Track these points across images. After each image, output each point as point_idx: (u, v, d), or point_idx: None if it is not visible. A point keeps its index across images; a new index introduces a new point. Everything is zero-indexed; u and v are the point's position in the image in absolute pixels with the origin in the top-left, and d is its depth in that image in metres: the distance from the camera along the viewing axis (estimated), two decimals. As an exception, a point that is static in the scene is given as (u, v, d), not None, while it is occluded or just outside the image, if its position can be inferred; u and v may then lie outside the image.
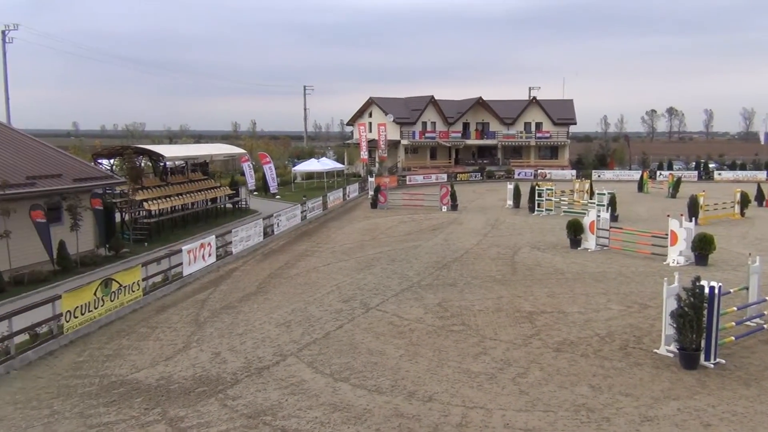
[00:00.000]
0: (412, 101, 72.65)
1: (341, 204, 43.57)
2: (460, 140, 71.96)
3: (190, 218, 34.66)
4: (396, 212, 39.59)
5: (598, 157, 76.56)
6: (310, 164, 58.74)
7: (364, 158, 62.48)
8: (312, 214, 36.66)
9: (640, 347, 14.10)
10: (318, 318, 16.72)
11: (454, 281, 20.63)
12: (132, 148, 32.47)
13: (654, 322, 15.73)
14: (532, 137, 71.74)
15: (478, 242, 28.07)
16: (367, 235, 30.61)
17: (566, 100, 76.33)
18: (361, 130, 61.88)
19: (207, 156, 40.25)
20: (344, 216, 38.61)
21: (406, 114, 69.93)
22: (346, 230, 32.60)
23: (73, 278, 21.89)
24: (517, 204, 40.64)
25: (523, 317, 16.49)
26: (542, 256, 24.83)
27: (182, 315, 17.55)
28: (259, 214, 36.73)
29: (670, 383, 12.12)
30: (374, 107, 70.93)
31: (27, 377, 13.27)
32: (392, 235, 30.71)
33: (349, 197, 46.49)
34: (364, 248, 27.06)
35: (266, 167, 48.73)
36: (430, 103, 70.67)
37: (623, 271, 21.88)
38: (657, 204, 42.46)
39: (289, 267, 23.63)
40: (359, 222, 35.78)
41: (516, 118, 72.25)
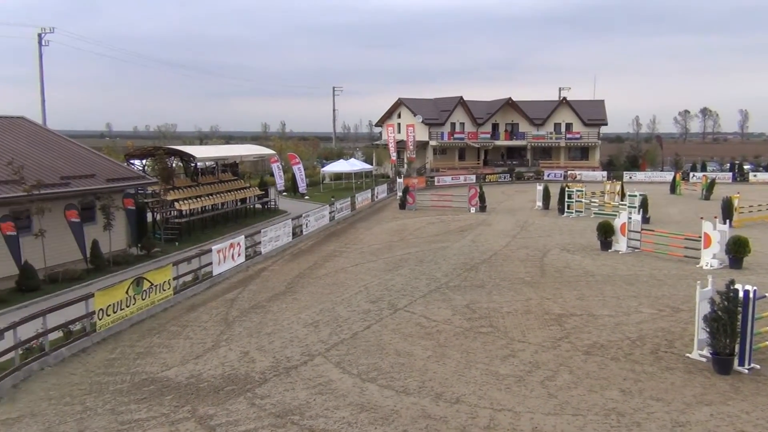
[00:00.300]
0: (440, 102, 72.50)
1: (369, 205, 43.63)
2: (489, 141, 71.60)
3: (220, 218, 35.00)
4: (424, 213, 39.52)
5: (630, 158, 75.56)
6: (338, 165, 58.96)
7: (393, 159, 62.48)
8: (340, 215, 36.77)
9: (671, 351, 13.88)
10: (346, 318, 16.75)
11: (483, 283, 20.52)
12: (164, 149, 32.91)
13: (686, 326, 15.47)
14: (562, 138, 71.09)
15: (507, 244, 27.89)
16: (396, 236, 30.61)
17: (597, 101, 75.51)
18: (389, 131, 61.92)
19: (237, 157, 40.63)
20: (372, 217, 38.66)
21: (434, 115, 69.80)
22: (374, 231, 32.63)
23: (106, 277, 22.26)
24: (547, 205, 40.28)
25: (552, 320, 16.34)
26: (572, 258, 24.57)
27: (212, 314, 17.73)
28: (287, 215, 36.93)
29: (703, 388, 11.90)
30: (403, 108, 70.91)
31: (61, 374, 13.52)
32: (420, 236, 30.66)
33: (378, 198, 46.53)
34: (392, 249, 27.05)
35: (295, 168, 49.03)
36: (459, 103, 70.45)
37: (655, 274, 21.55)
38: (690, 206, 41.76)
39: (317, 267, 23.72)
40: (387, 223, 35.79)
41: (546, 118, 71.66)
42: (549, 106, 72.86)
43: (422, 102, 71.92)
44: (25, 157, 23.88)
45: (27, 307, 18.09)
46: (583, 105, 72.67)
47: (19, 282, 20.32)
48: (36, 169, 23.36)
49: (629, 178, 62.26)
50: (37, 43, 58.18)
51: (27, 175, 21.60)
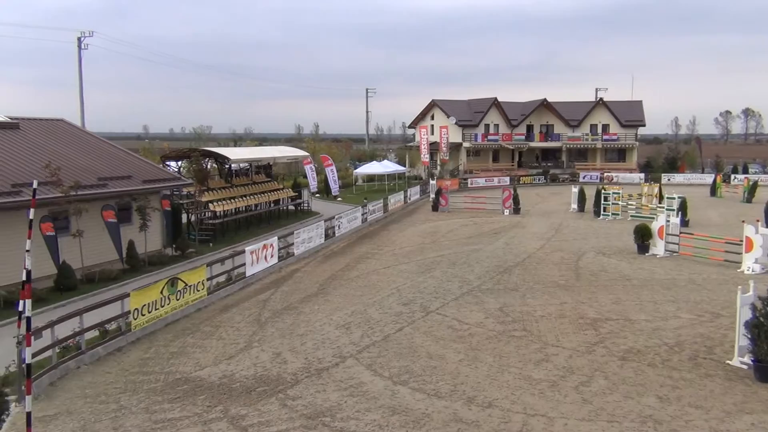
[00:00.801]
0: (474, 103, 72.17)
1: (402, 207, 43.63)
2: (524, 143, 71.04)
3: (254, 219, 35.32)
4: (457, 215, 39.37)
5: (668, 160, 74.25)
6: (371, 167, 59.11)
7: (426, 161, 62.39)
8: (373, 217, 36.83)
9: (711, 358, 13.57)
10: (377, 320, 16.76)
11: (516, 286, 20.35)
12: (199, 151, 33.36)
13: (727, 332, 15.12)
14: (599, 139, 70.16)
15: (541, 246, 27.62)
16: (428, 238, 30.55)
17: (635, 101, 74.37)
18: (422, 133, 61.81)
19: (270, 158, 40.98)
20: (405, 219, 38.65)
21: (468, 116, 69.51)
22: (406, 233, 32.61)
23: (141, 277, 22.62)
24: (582, 208, 39.80)
25: (587, 324, 16.12)
26: (608, 261, 24.24)
27: (244, 315, 17.89)
28: (320, 216, 37.11)
29: (744, 396, 11.61)
30: (436, 109, 70.77)
31: (96, 372, 13.77)
32: (453, 238, 30.55)
33: (410, 200, 46.51)
34: (425, 251, 27.00)
35: (328, 170, 49.27)
36: (493, 105, 70.02)
37: (694, 279, 21.13)
38: (731, 209, 40.85)
39: (349, 269, 23.79)
40: (420, 225, 35.74)
41: (582, 120, 70.81)
42: (585, 107, 72.00)
43: (456, 103, 71.69)
44: (64, 159, 24.42)
45: (64, 307, 18.47)
46: (620, 106, 71.67)
47: (57, 281, 20.77)
48: (74, 170, 23.86)
49: (667, 181, 61.20)
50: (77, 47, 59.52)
51: (65, 176, 22.08)
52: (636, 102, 74.06)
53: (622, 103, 73.12)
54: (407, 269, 23.34)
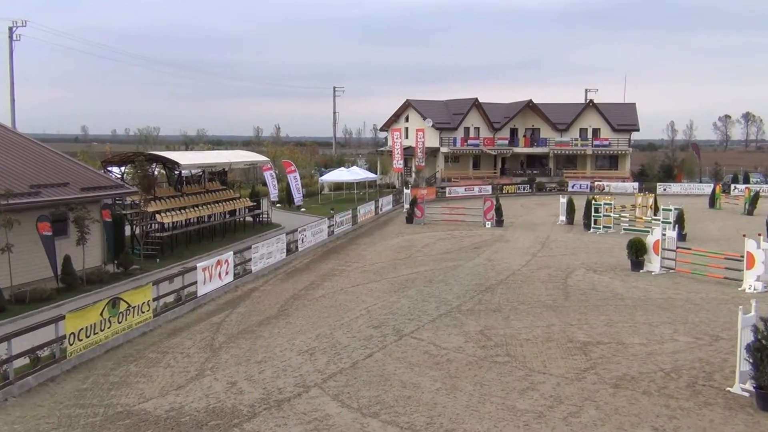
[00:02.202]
0: (453, 104, 72.70)
1: (373, 218, 43.66)
2: (507, 148, 71.70)
3: (207, 232, 35.04)
4: (434, 228, 39.52)
5: (664, 167, 75.52)
6: (339, 174, 59.06)
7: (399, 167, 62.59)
8: (340, 230, 36.80)
9: (710, 385, 13.79)
10: (345, 345, 16.72)
11: (499, 306, 20.48)
12: (145, 155, 33.02)
13: (727, 356, 15.38)
14: (589, 145, 71.12)
15: (526, 263, 27.85)
16: (402, 253, 30.61)
17: (628, 104, 75.61)
18: (395, 137, 62.07)
19: (226, 164, 40.75)
20: (376, 231, 38.68)
21: (446, 118, 69.98)
22: (378, 247, 32.64)
23: (79, 297, 22.27)
24: (571, 220, 40.25)
25: (577, 348, 16.27)
26: (599, 279, 24.52)
27: (196, 339, 17.71)
28: (281, 229, 36.93)
29: (746, 427, 11.81)
30: (411, 111, 71.12)
31: (26, 405, 13.50)
32: (429, 253, 30.65)
33: (382, 211, 46.57)
34: (398, 268, 27.05)
35: (291, 177, 49.12)
36: (474, 106, 70.62)
37: (692, 298, 21.47)
38: (731, 222, 41.65)
39: (314, 288, 23.72)
40: (393, 238, 35.80)
41: (570, 123, 71.73)
42: (574, 109, 72.96)
43: (433, 104, 72.15)
44: (-9, 164, 24.00)
45: (-10, 331, 18.08)
46: (612, 108, 72.77)
47: (-19, 302, 20.32)
48: (2, 176, 23.46)
49: (663, 190, 62.19)
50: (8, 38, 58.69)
51: (-7, 183, 21.69)
52: (629, 104, 75.32)
53: (614, 105, 74.27)
54: (378, 288, 23.34)
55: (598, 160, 72.67)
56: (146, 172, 31.39)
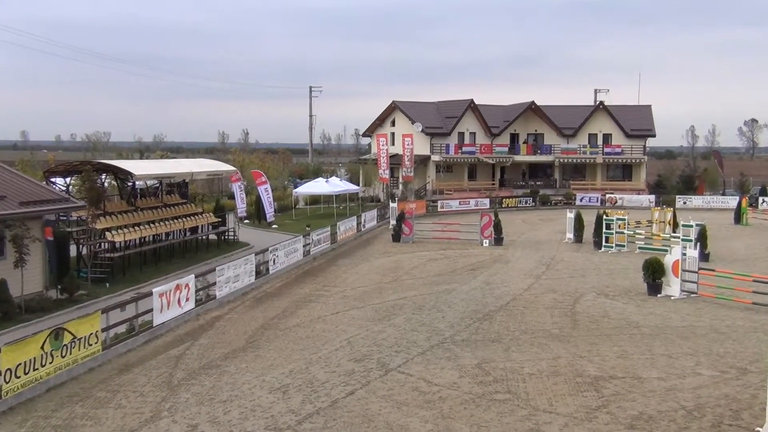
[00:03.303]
0: (445, 107, 73.01)
1: (355, 236, 43.65)
2: (507, 156, 72.01)
3: (164, 252, 34.87)
4: (424, 247, 39.55)
5: (684, 178, 76.11)
6: (316, 185, 59.04)
7: (385, 178, 62.67)
8: (317, 249, 36.74)
9: (737, 425, 13.84)
10: (323, 382, 16.65)
11: (498, 336, 20.48)
12: (93, 164, 32.86)
13: (756, 392, 15.44)
14: (599, 153, 71.56)
15: (529, 286, 27.91)
16: (388, 276, 30.59)
17: (642, 106, 76.22)
18: (380, 143, 62.21)
19: (187, 174, 40.62)
20: (358, 251, 38.65)
21: (438, 122, 70.25)
22: (360, 269, 32.61)
23: (16, 327, 22.05)
24: (580, 238, 40.40)
25: (587, 384, 16.29)
26: (611, 304, 24.60)
27: (151, 376, 17.58)
28: (250, 248, 36.83)
29: (779, 473, 11.84)
30: (398, 114, 71.36)
31: (-46, 453, 13.33)
32: (419, 276, 30.65)
33: (365, 227, 46.57)
34: (384, 292, 27.02)
35: (261, 189, 49.04)
36: (469, 109, 70.99)
37: (716, 326, 21.58)
38: (759, 239, 41.98)
39: (287, 316, 23.64)
40: (377, 259, 35.78)
41: (578, 128, 72.22)
42: (582, 112, 73.48)
43: (422, 106, 72.44)
44: None
45: None
46: (624, 111, 73.35)
47: None
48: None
49: (683, 204, 62.64)
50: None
51: None
52: (644, 107, 75.91)
53: (628, 108, 74.88)
54: (361, 315, 23.30)
55: (610, 169, 73.12)
56: (95, 184, 31.22)
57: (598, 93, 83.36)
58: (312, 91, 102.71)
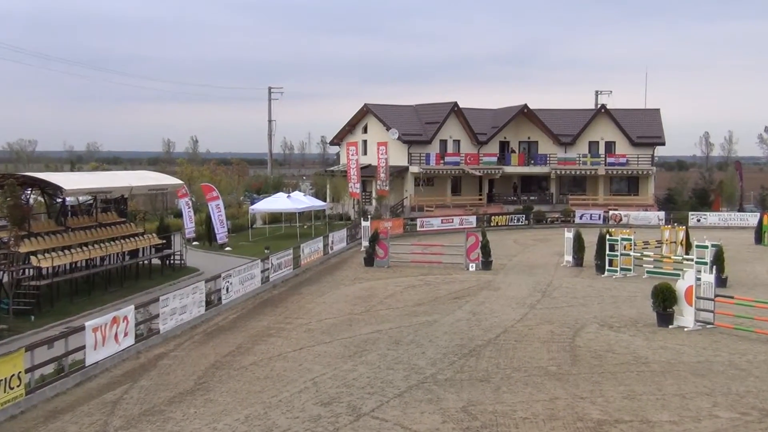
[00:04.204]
0: (426, 110, 73.26)
1: (321, 260, 43.59)
2: (496, 167, 72.37)
3: (99, 280, 34.60)
4: (402, 272, 39.57)
5: (697, 192, 76.88)
6: (276, 201, 58.86)
7: (356, 193, 62.72)
8: (278, 275, 36.63)
9: (762, 475, 13.90)
10: (285, 429, 16.56)
11: (487, 375, 20.48)
12: (16, 177, 32.58)
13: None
14: (601, 163, 72.08)
15: (522, 317, 27.97)
16: (360, 306, 30.53)
17: (650, 110, 76.94)
18: (350, 153, 62.32)
19: (126, 189, 40.40)
20: (325, 277, 38.58)
21: (417, 129, 70.47)
22: (328, 298, 32.53)
23: (-76, 368, 21.76)
24: (580, 261, 40.60)
25: (589, 429, 16.31)
26: (616, 337, 24.70)
27: (83, 423, 17.40)
28: (199, 275, 36.67)
29: None
30: (371, 119, 71.53)
31: None
32: (396, 305, 30.63)
33: (333, 250, 46.54)
34: (355, 325, 26.96)
35: (212, 205, 48.91)
36: (453, 113, 71.27)
37: (736, 361, 21.72)
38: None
39: (242, 353, 23.51)
40: (348, 286, 35.72)
41: (577, 135, 72.75)
42: (581, 117, 74.08)
43: (399, 110, 72.66)
44: None
45: None
46: (630, 116, 74.02)
47: None
48: None
49: (697, 222, 63.17)
50: None
51: None
52: (652, 111, 76.62)
53: (633, 112, 75.56)
54: (329, 352, 23.22)
55: (613, 182, 73.69)
56: (18, 201, 30.98)
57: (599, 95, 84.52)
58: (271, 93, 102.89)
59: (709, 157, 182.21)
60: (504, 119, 73.61)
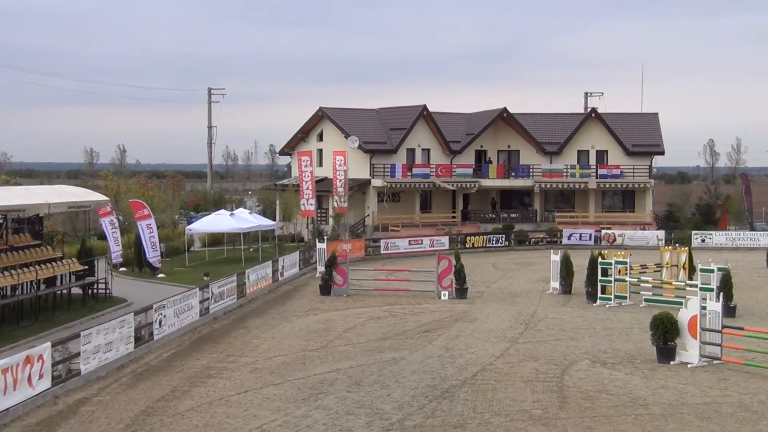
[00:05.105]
0: (390, 115, 73.30)
1: (270, 287, 43.47)
2: (472, 180, 72.51)
3: (9, 312, 34.27)
4: (363, 301, 39.55)
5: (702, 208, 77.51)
6: (217, 220, 58.54)
7: (310, 211, 62.63)
8: (219, 306, 36.45)
9: None
10: (227, 486, 16.46)
11: (462, 420, 20.49)
12: None
13: (800, 488, 15.68)
14: (592, 175, 72.43)
15: (503, 353, 28.02)
16: (314, 341, 30.46)
17: (647, 115, 77.59)
18: (303, 164, 62.21)
19: (41, 206, 39.97)
20: (275, 308, 38.46)
21: (380, 136, 70.50)
22: (278, 332, 32.42)
23: None
24: (568, 288, 40.79)
25: (580, 482, 16.35)
26: (610, 376, 24.80)
27: (-10, 482, 17.19)
28: (127, 306, 36.38)
29: None
30: (327, 125, 71.51)
31: None
32: (357, 341, 30.57)
33: (284, 276, 46.45)
34: (309, 364, 26.88)
35: (142, 225, 48.56)
36: (422, 117, 71.37)
37: (746, 402, 21.88)
38: (800, 287, 42.79)
39: (178, 397, 23.38)
40: (301, 318, 35.63)
41: (564, 143, 73.12)
42: (569, 122, 74.48)
43: (360, 115, 72.72)
44: None
45: None
46: (624, 121, 74.54)
47: None
48: None
49: (701, 242, 63.67)
50: None
51: None
52: (649, 116, 77.22)
53: (628, 117, 76.12)
54: (279, 395, 23.14)
55: (606, 197, 74.18)
56: None
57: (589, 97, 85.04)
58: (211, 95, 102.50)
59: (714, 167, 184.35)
60: (480, 125, 73.76)
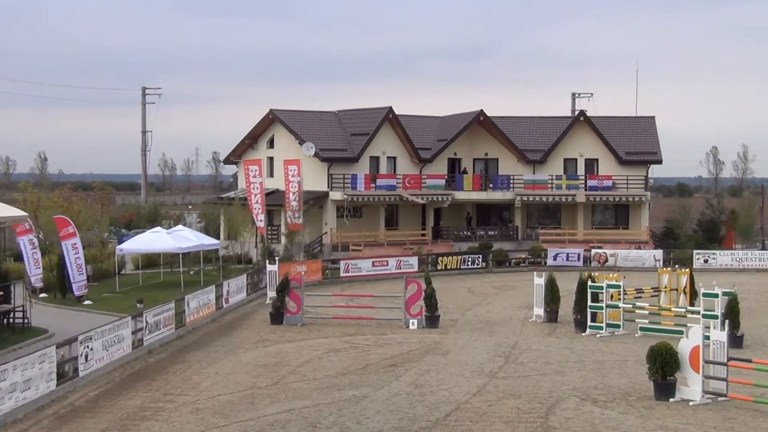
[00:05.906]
0: (352, 118, 73.31)
1: (213, 316, 43.36)
2: (444, 192, 72.55)
3: None
4: (320, 331, 39.50)
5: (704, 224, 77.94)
6: (152, 239, 58.33)
7: (260, 227, 62.52)
8: (155, 337, 36.30)
9: None
10: None
11: (434, 467, 20.48)
12: None
13: None
14: (580, 187, 72.66)
15: (480, 389, 28.03)
16: (264, 377, 30.38)
17: (642, 119, 77.95)
18: (251, 174, 62.11)
19: (-52, 223, 39.86)
20: (219, 340, 38.33)
21: (340, 142, 70.52)
22: (222, 367, 32.31)
23: None
24: (554, 315, 40.87)
25: None
26: (602, 415, 24.86)
27: None
28: (49, 338, 36.16)
29: None
30: (279, 129, 71.42)
31: None
32: (313, 376, 30.52)
33: (230, 303, 46.34)
34: (258, 403, 26.80)
35: (67, 245, 48.28)
36: (387, 121, 71.38)
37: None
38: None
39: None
40: (249, 351, 35.52)
41: (549, 150, 73.37)
42: (554, 127, 74.78)
43: (317, 118, 72.73)
44: None
45: None
46: (616, 126, 74.91)
47: None
48: None
49: (704, 263, 63.94)
50: None
51: None
52: (644, 119, 77.62)
53: (621, 121, 76.51)
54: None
55: (597, 212, 74.46)
56: None
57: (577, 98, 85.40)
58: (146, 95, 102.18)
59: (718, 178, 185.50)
60: (454, 130, 73.80)
